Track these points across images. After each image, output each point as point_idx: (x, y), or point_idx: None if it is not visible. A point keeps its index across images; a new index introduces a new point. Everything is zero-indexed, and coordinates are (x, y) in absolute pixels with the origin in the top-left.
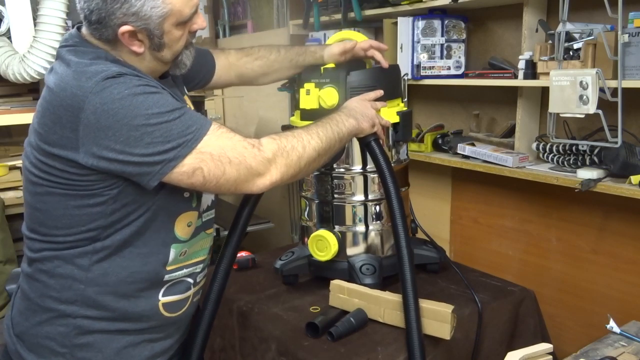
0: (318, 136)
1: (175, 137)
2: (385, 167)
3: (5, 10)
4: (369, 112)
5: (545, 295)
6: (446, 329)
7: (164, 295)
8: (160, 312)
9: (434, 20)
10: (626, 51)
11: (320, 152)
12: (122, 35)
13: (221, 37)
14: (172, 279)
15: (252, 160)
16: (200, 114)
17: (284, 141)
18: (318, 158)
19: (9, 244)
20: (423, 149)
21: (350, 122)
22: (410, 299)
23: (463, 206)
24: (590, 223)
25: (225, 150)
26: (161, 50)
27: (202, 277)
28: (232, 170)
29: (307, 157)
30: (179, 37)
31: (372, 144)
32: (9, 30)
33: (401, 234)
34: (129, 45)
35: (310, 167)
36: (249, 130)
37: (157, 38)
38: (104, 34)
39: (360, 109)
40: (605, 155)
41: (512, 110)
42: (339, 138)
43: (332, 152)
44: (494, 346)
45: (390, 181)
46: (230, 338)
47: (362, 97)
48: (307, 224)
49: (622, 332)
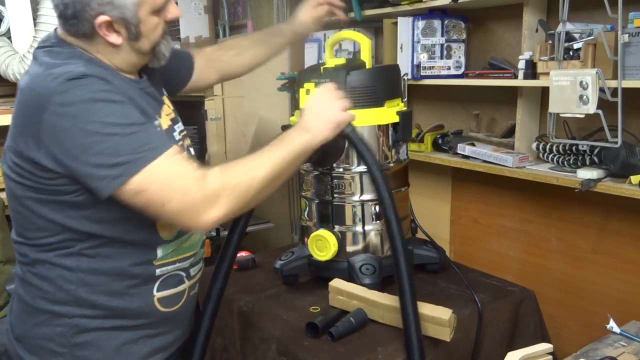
0: (265, 164)
1: (125, 153)
2: (368, 156)
3: (5, 10)
4: (327, 114)
5: (545, 295)
6: (446, 332)
7: (158, 291)
8: (156, 307)
9: (434, 20)
10: (626, 51)
11: (269, 180)
12: (99, 27)
13: (221, 37)
14: (164, 273)
15: (196, 195)
16: (163, 134)
17: (229, 175)
18: (268, 186)
19: (9, 244)
20: (423, 149)
21: (303, 138)
22: (409, 304)
23: (463, 206)
24: (590, 223)
25: (174, 179)
26: (139, 39)
27: (196, 271)
28: (175, 202)
29: (254, 189)
30: (155, 26)
31: (349, 135)
32: (9, 30)
33: (393, 221)
34: (107, 37)
35: (260, 196)
36: (249, 130)
37: (134, 27)
38: (81, 28)
39: (317, 114)
40: (605, 155)
41: (512, 110)
42: (292, 159)
43: (288, 174)
44: (494, 346)
45: (375, 169)
46: (230, 338)
47: (323, 91)
48: (307, 224)
49: (622, 332)
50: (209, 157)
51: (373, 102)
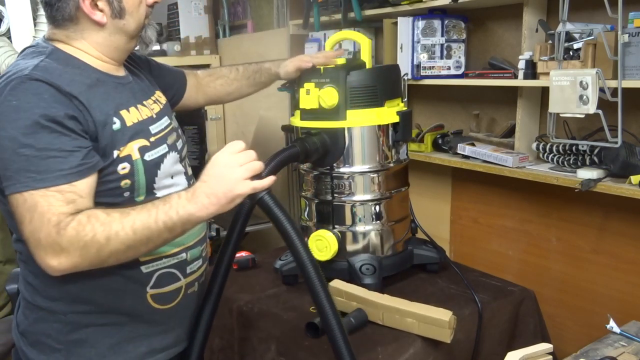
0: (133, 227)
1: (12, 171)
2: (286, 224)
3: (5, 10)
4: (222, 187)
5: (545, 295)
6: (446, 334)
7: (152, 288)
8: (150, 304)
9: (434, 20)
10: (626, 51)
11: (132, 245)
12: (83, 2)
13: (221, 37)
14: (154, 269)
15: (45, 240)
16: (66, 165)
17: (87, 228)
18: (129, 250)
19: (9, 244)
20: (423, 149)
21: (187, 209)
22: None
23: (463, 206)
24: (590, 223)
25: (35, 215)
26: (123, 16)
27: (194, 268)
28: (29, 236)
29: (110, 250)
30: (139, 3)
31: (263, 200)
32: (9, 30)
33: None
34: (91, 14)
35: (119, 258)
36: (248, 130)
37: (117, 2)
38: (66, 11)
39: (211, 185)
40: (605, 155)
41: (512, 110)
42: (167, 228)
43: (163, 239)
44: (494, 346)
45: (296, 239)
46: (229, 338)
47: (227, 155)
48: (307, 223)
49: (622, 332)
50: (208, 157)
51: (373, 102)
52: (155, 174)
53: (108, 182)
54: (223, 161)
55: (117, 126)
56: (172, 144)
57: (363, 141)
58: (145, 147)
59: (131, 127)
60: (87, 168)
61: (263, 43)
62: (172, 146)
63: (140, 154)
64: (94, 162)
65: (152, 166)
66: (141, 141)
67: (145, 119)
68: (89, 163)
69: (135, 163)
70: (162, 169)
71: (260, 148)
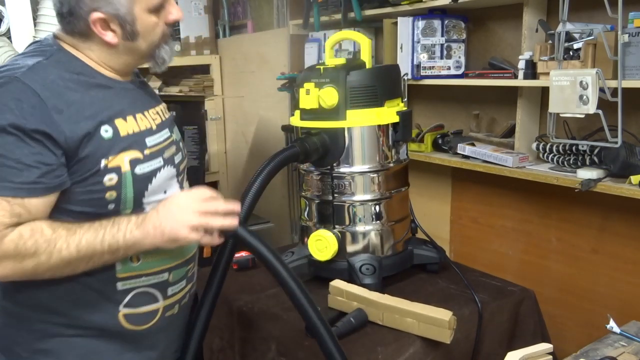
0: (78, 246)
1: None
2: (267, 253)
3: (5, 10)
4: (170, 225)
5: (545, 295)
6: (446, 334)
7: (125, 307)
8: (120, 323)
9: (434, 20)
10: (626, 51)
11: (73, 263)
12: (94, 24)
13: (221, 37)
14: (130, 287)
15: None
16: (19, 179)
17: (29, 244)
18: (67, 267)
19: None
20: (423, 149)
21: (135, 234)
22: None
23: (463, 206)
24: (590, 223)
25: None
26: (135, 39)
27: (176, 290)
28: None
29: (48, 266)
30: (153, 26)
31: (239, 234)
32: (9, 30)
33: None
34: (102, 35)
35: (55, 274)
36: (248, 130)
37: (129, 25)
38: (77, 26)
39: (162, 218)
40: (605, 155)
41: (512, 110)
42: (111, 250)
43: (99, 262)
44: (494, 346)
45: (282, 270)
46: (230, 338)
47: (190, 198)
48: (307, 223)
49: (622, 332)
50: (209, 157)
51: (373, 102)
52: (145, 188)
53: (92, 192)
54: (181, 201)
55: (109, 135)
56: (168, 157)
57: (363, 141)
58: (137, 159)
59: (125, 138)
60: (43, 188)
61: (263, 43)
62: (169, 160)
63: (130, 166)
64: (53, 183)
65: (142, 180)
66: (134, 153)
67: (143, 130)
68: (47, 183)
69: (123, 175)
70: (154, 184)
71: (260, 148)
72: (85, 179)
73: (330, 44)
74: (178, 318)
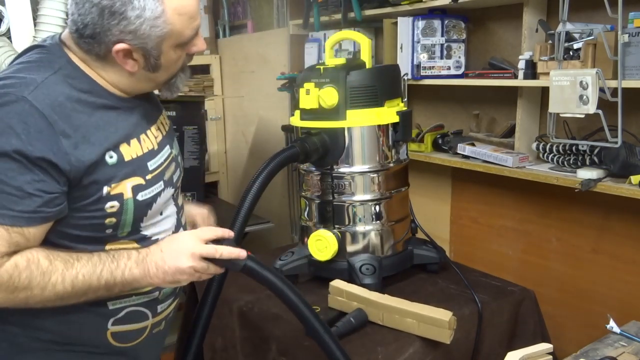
0: (73, 281)
1: None
2: (278, 284)
3: (5, 10)
4: (172, 267)
5: (545, 295)
6: (446, 334)
7: (114, 324)
8: (108, 341)
9: (434, 20)
10: (626, 51)
11: (65, 297)
12: (116, 54)
13: (221, 37)
14: (122, 307)
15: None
16: (18, 207)
17: (23, 276)
18: (60, 301)
19: None
20: (423, 149)
21: (134, 273)
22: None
23: (463, 206)
24: (590, 223)
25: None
26: (157, 71)
27: (164, 307)
28: None
29: (41, 299)
30: (177, 59)
31: (247, 266)
32: (9, 30)
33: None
34: (123, 64)
35: (45, 305)
36: (249, 130)
37: (154, 59)
38: (95, 49)
39: (169, 260)
40: (605, 155)
41: (512, 110)
42: (108, 287)
43: (92, 297)
44: (494, 346)
45: (293, 297)
46: (230, 338)
47: (190, 242)
48: (307, 223)
49: (622, 332)
50: (209, 157)
51: (373, 102)
52: (145, 213)
53: (92, 218)
54: (186, 245)
55: (114, 161)
56: (169, 178)
57: (363, 141)
58: (140, 185)
59: (129, 163)
60: (41, 217)
61: (263, 43)
62: (169, 182)
63: (133, 193)
64: (52, 212)
65: (144, 206)
66: (137, 179)
67: (145, 153)
68: (46, 212)
69: (125, 202)
70: (154, 208)
71: (260, 148)
72: (86, 205)
73: (330, 44)
74: (163, 333)
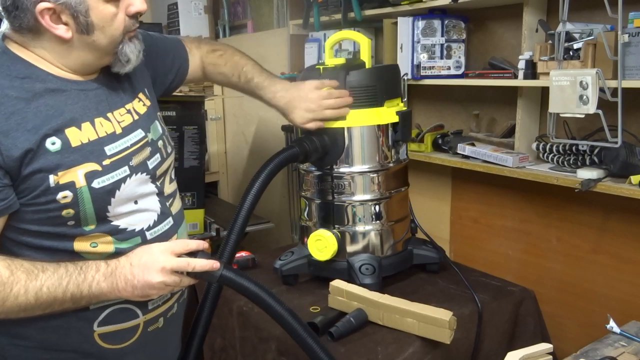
0: (37, 294)
1: None
2: (257, 291)
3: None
4: (142, 282)
5: (545, 295)
6: (446, 334)
7: (100, 325)
8: (97, 343)
9: (434, 20)
10: (626, 51)
11: (29, 309)
12: (41, 16)
13: (221, 37)
14: (104, 305)
15: None
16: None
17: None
18: (23, 313)
19: None
20: (423, 149)
21: (102, 286)
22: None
23: (463, 206)
24: (590, 223)
25: None
26: (91, 32)
27: (158, 303)
28: None
29: (1, 310)
30: (112, 17)
31: (224, 276)
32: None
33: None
34: (53, 29)
35: (8, 316)
36: (249, 130)
37: (83, 16)
38: (24, 20)
39: (138, 274)
40: (605, 155)
41: (512, 110)
42: (74, 300)
43: (58, 310)
44: (494, 346)
45: (275, 305)
46: (230, 338)
47: (163, 258)
48: (306, 223)
49: (622, 332)
50: (208, 157)
51: (373, 102)
52: (108, 202)
53: (46, 211)
54: (155, 258)
55: (57, 147)
56: (138, 164)
57: (363, 141)
58: (94, 172)
59: (78, 149)
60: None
61: (263, 43)
62: (140, 166)
63: (86, 181)
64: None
65: (103, 194)
66: (90, 165)
67: (102, 137)
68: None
69: (79, 191)
70: (118, 196)
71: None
72: (35, 198)
73: (330, 44)
74: (165, 332)
